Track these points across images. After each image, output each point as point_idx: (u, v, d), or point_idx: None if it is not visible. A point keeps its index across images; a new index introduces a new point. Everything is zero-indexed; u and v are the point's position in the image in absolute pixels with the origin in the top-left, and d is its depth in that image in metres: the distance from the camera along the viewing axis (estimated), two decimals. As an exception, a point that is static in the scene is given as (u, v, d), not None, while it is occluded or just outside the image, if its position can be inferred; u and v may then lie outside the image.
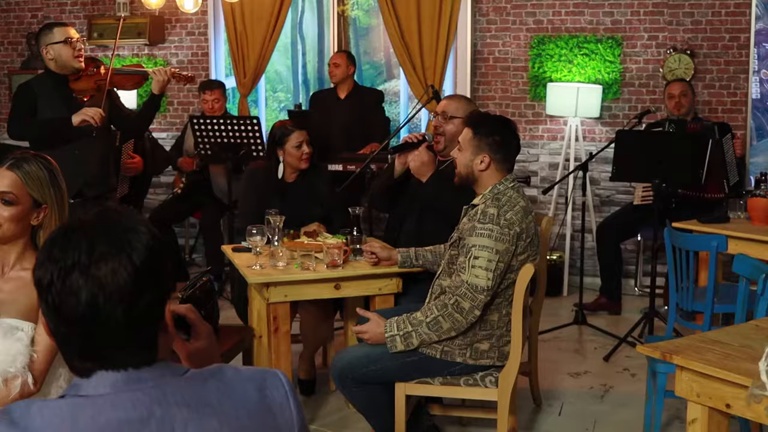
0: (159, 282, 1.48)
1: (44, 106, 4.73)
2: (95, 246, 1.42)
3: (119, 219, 1.48)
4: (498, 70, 7.17)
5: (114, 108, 4.88)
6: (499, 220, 3.33)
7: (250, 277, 3.77)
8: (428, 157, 4.19)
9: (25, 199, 2.52)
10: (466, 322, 3.32)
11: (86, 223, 1.46)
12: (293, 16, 7.57)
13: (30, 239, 2.59)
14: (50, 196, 2.57)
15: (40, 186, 2.55)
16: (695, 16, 6.74)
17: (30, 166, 2.54)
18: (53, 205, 2.58)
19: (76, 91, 4.75)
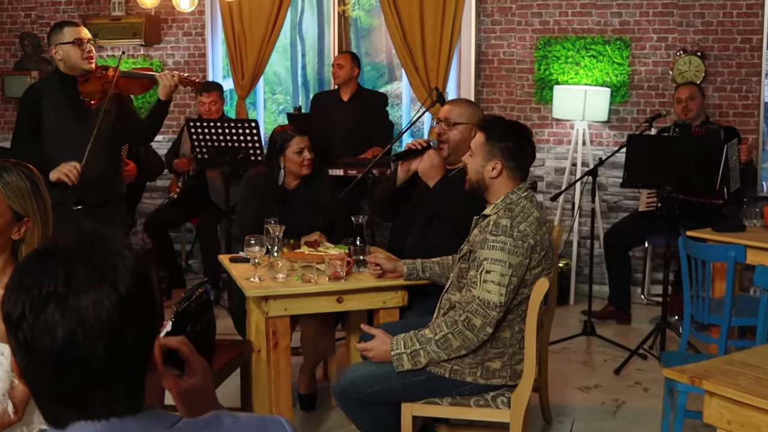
0: (147, 313, 1.30)
1: (49, 107, 4.53)
2: (74, 273, 1.24)
3: (101, 241, 1.29)
4: (503, 72, 6.99)
5: (125, 113, 4.65)
6: (512, 232, 3.15)
7: (249, 290, 3.58)
8: (439, 161, 4.01)
9: (4, 211, 2.33)
10: (477, 339, 3.14)
11: (63, 246, 1.28)
12: (293, 16, 7.40)
13: (11, 255, 2.40)
14: (32, 208, 2.38)
15: (21, 197, 2.36)
16: (706, 17, 6.56)
17: (9, 176, 2.35)
18: (36, 218, 2.39)
19: (84, 93, 4.53)
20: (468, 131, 4.11)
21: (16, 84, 7.71)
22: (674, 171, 5.09)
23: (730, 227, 4.94)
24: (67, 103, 4.50)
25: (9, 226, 2.34)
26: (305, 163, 4.41)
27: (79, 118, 4.48)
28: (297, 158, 4.40)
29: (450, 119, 4.15)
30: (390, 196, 4.26)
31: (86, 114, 4.48)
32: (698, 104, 5.99)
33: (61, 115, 4.48)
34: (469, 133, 4.10)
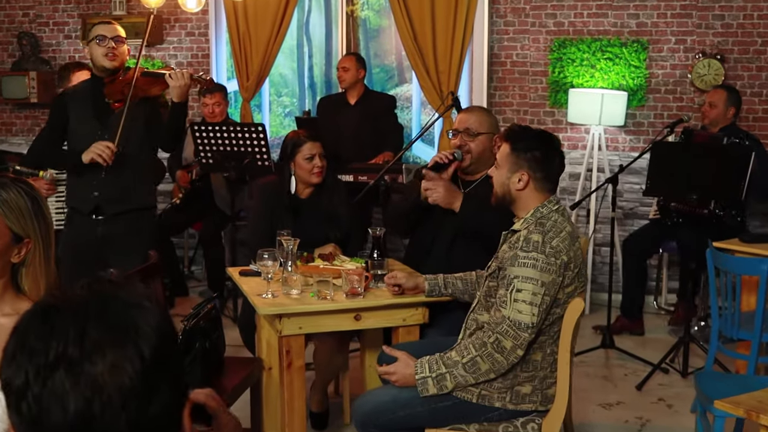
0: (176, 376, 1.10)
1: (74, 110, 4.34)
2: (86, 332, 1.03)
3: (116, 291, 1.09)
4: (516, 74, 6.80)
5: (154, 116, 4.41)
6: (545, 248, 2.95)
7: (261, 308, 3.38)
8: (444, 183, 3.81)
9: (3, 232, 2.12)
10: (508, 363, 2.94)
11: (71, 299, 1.07)
12: (299, 16, 7.19)
13: (10, 279, 2.19)
14: (33, 228, 2.17)
15: (21, 217, 2.14)
16: (726, 19, 6.37)
17: (8, 194, 2.13)
18: (37, 240, 2.18)
19: (107, 95, 4.31)
20: (489, 141, 3.96)
21: (14, 85, 7.50)
22: (699, 179, 4.90)
23: (758, 238, 4.75)
24: (92, 106, 4.32)
25: (8, 249, 2.13)
26: (315, 171, 4.21)
27: (101, 120, 4.30)
28: (307, 165, 4.20)
29: (471, 129, 3.97)
30: (411, 211, 4.05)
31: (108, 116, 4.30)
32: (718, 112, 5.77)
33: (83, 117, 4.30)
34: (490, 143, 3.94)
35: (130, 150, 4.28)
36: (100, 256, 4.34)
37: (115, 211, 4.30)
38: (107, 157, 4.15)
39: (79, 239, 4.38)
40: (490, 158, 3.94)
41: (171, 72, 4.31)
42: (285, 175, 4.28)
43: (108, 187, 4.24)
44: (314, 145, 4.23)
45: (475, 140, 3.95)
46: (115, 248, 4.33)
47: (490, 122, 4.03)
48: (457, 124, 4.07)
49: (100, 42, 4.25)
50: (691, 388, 4.90)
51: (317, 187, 4.27)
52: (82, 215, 4.34)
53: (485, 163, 3.96)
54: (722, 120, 5.80)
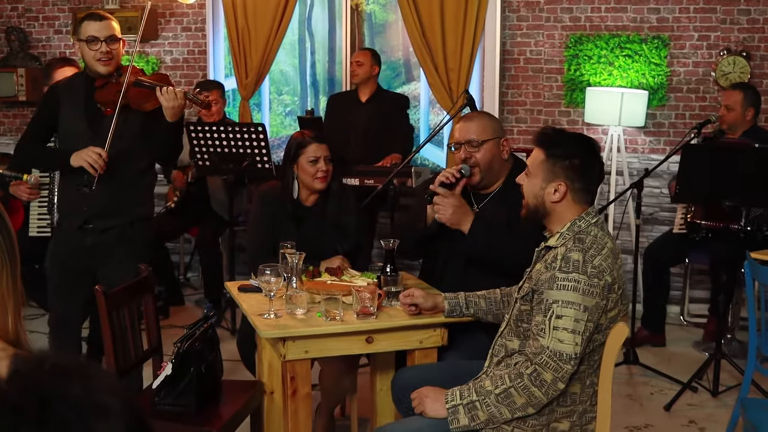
0: None
1: (66, 109, 3.95)
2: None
3: (70, 389, 0.75)
4: (530, 72, 6.46)
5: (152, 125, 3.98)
6: (586, 268, 2.61)
7: (264, 330, 3.03)
8: (455, 202, 3.44)
9: None
10: (546, 397, 2.60)
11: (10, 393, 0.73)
12: (301, 10, 6.84)
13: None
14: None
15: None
16: (752, 14, 6.04)
17: None
18: (2, 256, 1.84)
19: (98, 101, 3.90)
20: (496, 147, 3.58)
21: (2, 82, 7.15)
22: (734, 185, 4.56)
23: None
24: (84, 109, 3.92)
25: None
26: (319, 176, 3.85)
27: (92, 124, 3.91)
28: (310, 168, 3.85)
29: (473, 140, 3.58)
30: (420, 237, 3.69)
31: (99, 122, 3.89)
32: (736, 115, 5.40)
33: (75, 120, 3.92)
34: (498, 149, 3.58)
35: (123, 161, 3.90)
36: (88, 268, 3.99)
37: (106, 225, 3.95)
38: (98, 166, 3.77)
39: (67, 248, 4.04)
40: (502, 166, 3.61)
41: (163, 89, 3.87)
42: (288, 179, 3.93)
43: (99, 201, 3.86)
44: (320, 147, 3.88)
45: (480, 150, 3.57)
46: (105, 259, 3.99)
47: (493, 126, 3.65)
48: (457, 137, 3.68)
49: (92, 45, 3.85)
50: (723, 408, 4.58)
51: (322, 193, 3.93)
52: (71, 225, 3.99)
53: (496, 172, 3.61)
54: (742, 123, 5.43)
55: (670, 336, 5.74)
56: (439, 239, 3.63)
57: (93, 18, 3.91)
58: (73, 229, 3.96)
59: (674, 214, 6.18)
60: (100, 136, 3.82)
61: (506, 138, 3.64)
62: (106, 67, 3.87)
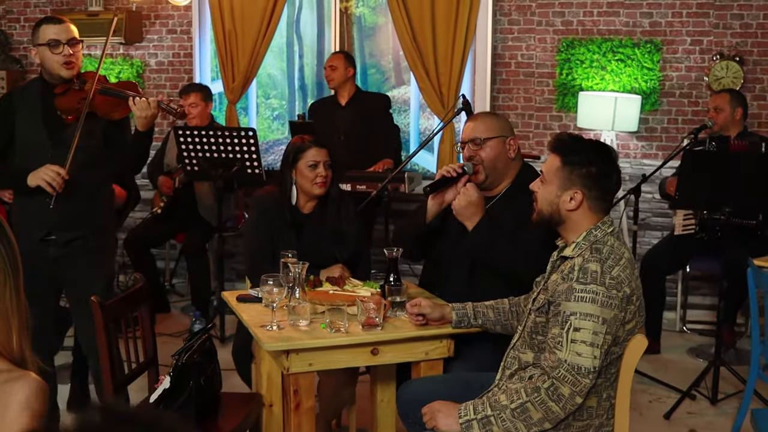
0: None
1: (22, 121, 3.75)
2: None
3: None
4: (521, 76, 6.39)
5: (116, 133, 3.86)
6: (604, 279, 2.53)
7: (267, 343, 2.93)
8: (477, 196, 3.34)
9: None
10: (564, 412, 2.52)
11: None
12: (289, 13, 6.73)
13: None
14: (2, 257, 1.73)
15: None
16: (745, 19, 6.01)
17: None
18: (5, 268, 1.74)
19: (60, 109, 3.74)
20: (501, 145, 3.49)
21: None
22: (736, 190, 4.51)
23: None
24: (42, 118, 3.73)
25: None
26: (318, 181, 3.76)
27: (52, 135, 3.72)
28: (310, 173, 3.76)
29: (478, 138, 3.51)
30: (419, 233, 3.61)
31: (59, 132, 3.71)
32: (725, 116, 5.39)
33: (33, 129, 3.72)
34: (503, 147, 3.49)
35: (86, 171, 3.72)
36: (53, 280, 3.82)
37: (69, 237, 3.78)
38: (57, 185, 3.62)
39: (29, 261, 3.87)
40: (508, 165, 3.52)
41: (135, 98, 3.75)
42: (286, 185, 3.83)
43: (62, 211, 3.67)
44: (319, 152, 3.79)
45: (485, 148, 3.49)
46: (71, 271, 3.80)
47: (499, 125, 3.57)
48: (462, 135, 3.62)
49: (54, 48, 3.69)
50: (722, 416, 4.53)
51: (321, 200, 3.83)
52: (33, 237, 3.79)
53: (502, 172, 3.52)
54: (732, 123, 5.41)
55: (665, 343, 5.68)
56: (439, 241, 3.55)
57: (52, 21, 3.75)
58: (34, 241, 3.76)
59: (667, 219, 6.15)
60: (62, 146, 3.65)
61: (513, 137, 3.55)
62: (70, 71, 3.72)
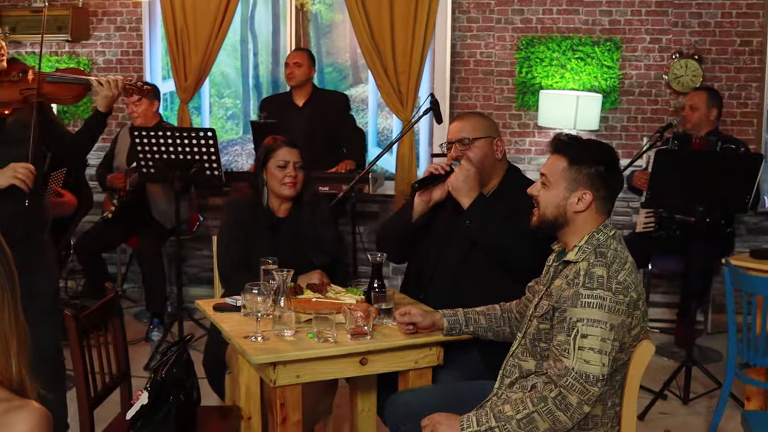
0: None
1: None
2: None
3: None
4: (480, 74, 6.32)
5: (46, 124, 3.73)
6: (611, 284, 2.46)
7: (255, 356, 2.79)
8: (474, 172, 3.29)
9: None
10: (572, 421, 2.44)
11: None
12: (243, 10, 6.56)
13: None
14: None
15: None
16: (703, 17, 6.03)
17: None
18: (4, 288, 1.59)
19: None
20: (489, 145, 3.43)
21: None
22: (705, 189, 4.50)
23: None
24: None
25: None
26: (286, 181, 3.64)
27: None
28: (279, 173, 3.64)
29: (466, 138, 3.44)
30: (406, 233, 3.51)
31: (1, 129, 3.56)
32: (700, 116, 5.42)
33: None
34: (490, 148, 3.43)
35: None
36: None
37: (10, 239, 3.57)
38: (30, 182, 3.45)
39: None
40: (495, 166, 3.46)
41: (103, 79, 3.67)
42: (259, 186, 3.70)
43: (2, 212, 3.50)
44: (290, 152, 3.68)
45: (472, 148, 3.43)
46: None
47: (486, 125, 3.51)
48: (449, 135, 3.54)
49: None
50: (695, 416, 4.53)
51: (296, 203, 3.71)
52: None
53: (489, 172, 3.45)
54: (705, 123, 5.45)
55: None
56: (427, 239, 3.47)
57: None
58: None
59: (627, 218, 6.15)
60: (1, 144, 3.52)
61: (500, 138, 3.49)
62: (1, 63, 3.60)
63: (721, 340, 5.69)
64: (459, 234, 3.36)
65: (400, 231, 3.54)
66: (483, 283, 3.28)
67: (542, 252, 3.04)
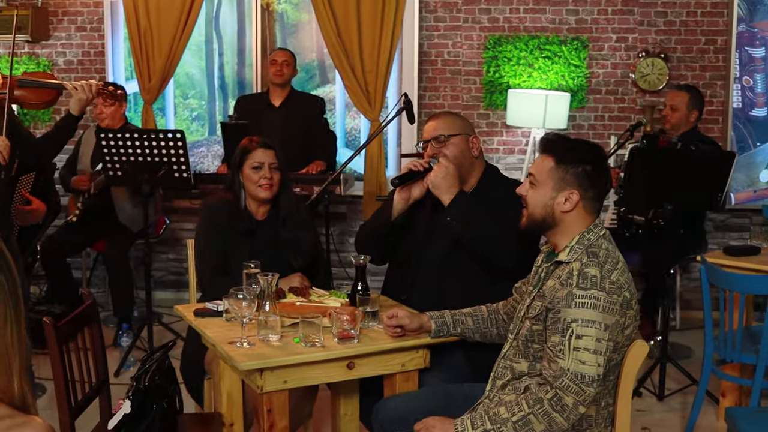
0: None
1: None
2: None
3: None
4: (447, 74, 6.31)
5: (12, 126, 3.66)
6: (604, 284, 2.45)
7: (242, 362, 2.73)
8: (454, 169, 3.26)
9: None
10: (567, 422, 2.42)
11: None
12: (208, 9, 6.47)
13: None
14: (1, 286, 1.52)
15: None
16: (668, 16, 6.08)
17: None
18: (6, 302, 1.53)
19: None
20: (465, 142, 3.42)
21: None
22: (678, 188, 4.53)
23: (742, 250, 4.42)
24: None
25: None
26: (262, 183, 3.59)
27: None
28: (254, 175, 3.59)
29: (441, 135, 3.42)
30: (385, 232, 3.48)
31: None
32: (680, 117, 5.37)
33: None
34: (466, 145, 3.42)
35: None
36: None
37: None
38: (6, 154, 3.40)
39: None
40: (472, 163, 3.44)
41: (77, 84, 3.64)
42: (236, 189, 3.65)
43: None
44: (265, 153, 3.63)
45: (448, 145, 3.41)
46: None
47: (461, 123, 3.51)
48: (425, 135, 3.52)
49: None
50: (671, 413, 4.56)
51: (274, 205, 3.66)
52: None
53: (467, 170, 3.43)
54: (685, 124, 5.41)
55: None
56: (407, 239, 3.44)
57: None
58: None
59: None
60: None
61: (476, 136, 3.48)
62: None
63: (690, 336, 5.76)
64: (440, 233, 3.34)
65: (380, 231, 3.50)
66: (466, 281, 3.26)
67: (526, 247, 3.05)
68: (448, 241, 3.33)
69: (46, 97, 3.66)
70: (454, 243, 3.30)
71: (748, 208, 6.04)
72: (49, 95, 3.66)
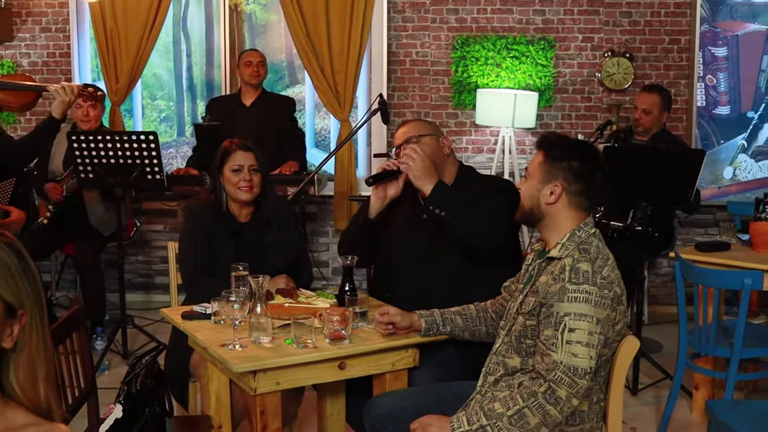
0: None
1: None
2: None
3: None
4: (416, 74, 6.36)
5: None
6: (596, 279, 2.50)
7: (236, 365, 2.74)
8: (429, 159, 3.30)
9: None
10: (561, 415, 2.47)
11: None
12: (175, 10, 6.44)
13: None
14: (26, 293, 1.52)
15: (11, 278, 1.48)
16: (633, 16, 6.18)
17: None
18: (32, 310, 1.53)
19: None
20: (435, 142, 3.48)
21: None
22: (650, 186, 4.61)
23: (712, 246, 4.51)
24: None
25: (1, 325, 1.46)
26: (242, 185, 3.60)
27: None
28: (234, 178, 3.60)
29: (412, 137, 3.47)
30: (365, 232, 3.50)
31: None
32: (652, 119, 5.44)
33: None
34: (437, 144, 3.47)
35: None
36: None
37: None
38: None
39: None
40: (445, 162, 3.49)
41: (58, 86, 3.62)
42: (217, 191, 3.65)
43: None
44: (245, 156, 3.64)
45: (420, 144, 3.46)
46: None
47: (429, 126, 3.60)
48: (396, 141, 3.58)
49: None
50: (645, 406, 4.63)
51: (257, 207, 3.67)
52: None
53: (441, 168, 3.47)
54: (656, 126, 5.50)
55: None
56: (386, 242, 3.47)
57: None
58: None
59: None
60: None
61: (446, 137, 3.55)
62: None
63: (659, 331, 5.87)
64: (419, 228, 3.38)
65: (361, 231, 3.52)
66: (448, 274, 3.30)
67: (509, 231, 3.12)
68: (428, 235, 3.37)
69: (25, 100, 3.64)
70: (436, 235, 3.34)
71: (713, 204, 6.18)
72: (28, 97, 3.63)
